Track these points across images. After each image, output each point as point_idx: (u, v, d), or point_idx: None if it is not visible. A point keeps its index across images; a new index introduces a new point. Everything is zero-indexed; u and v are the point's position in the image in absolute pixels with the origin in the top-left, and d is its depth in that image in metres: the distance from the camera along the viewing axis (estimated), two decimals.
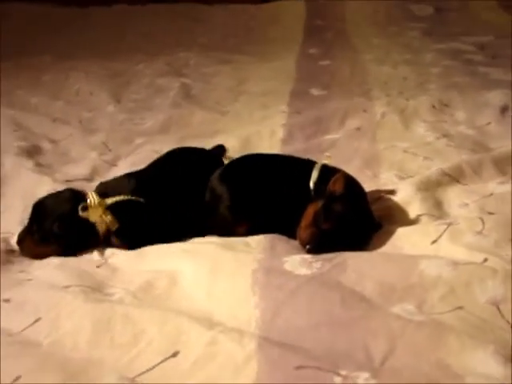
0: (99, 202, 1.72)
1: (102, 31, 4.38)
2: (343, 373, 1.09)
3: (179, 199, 1.80)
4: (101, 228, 1.73)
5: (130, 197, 1.76)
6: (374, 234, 1.64)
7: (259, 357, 1.15)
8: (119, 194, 1.76)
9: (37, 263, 1.69)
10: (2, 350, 1.27)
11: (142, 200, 1.76)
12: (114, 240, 1.74)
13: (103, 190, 1.79)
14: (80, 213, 1.70)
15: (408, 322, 1.22)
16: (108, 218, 1.72)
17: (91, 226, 1.72)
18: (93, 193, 1.76)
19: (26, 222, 1.78)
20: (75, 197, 1.76)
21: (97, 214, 1.71)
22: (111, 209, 1.73)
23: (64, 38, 4.23)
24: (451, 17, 4.19)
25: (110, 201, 1.74)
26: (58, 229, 1.70)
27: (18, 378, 1.18)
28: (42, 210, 1.76)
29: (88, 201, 1.72)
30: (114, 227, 1.73)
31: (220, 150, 2.12)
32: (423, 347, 1.16)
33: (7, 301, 1.44)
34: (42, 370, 1.20)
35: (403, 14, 4.31)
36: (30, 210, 1.77)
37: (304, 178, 1.73)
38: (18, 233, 1.78)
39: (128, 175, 1.90)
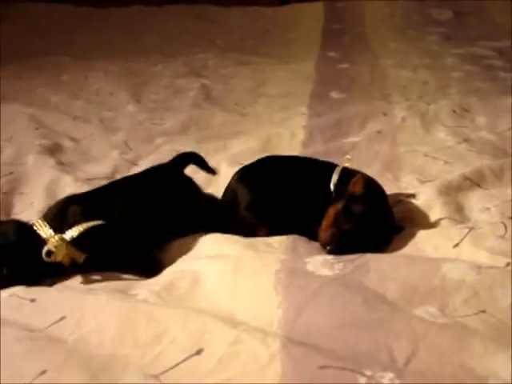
0: (62, 240, 1.55)
1: (118, 32, 4.40)
2: (368, 373, 1.10)
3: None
4: (66, 263, 1.58)
5: (90, 224, 1.59)
6: (394, 236, 1.64)
7: (283, 356, 1.16)
8: (74, 223, 1.59)
9: None
10: (25, 344, 1.29)
11: (101, 222, 1.60)
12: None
13: (54, 222, 1.61)
14: (45, 258, 1.53)
15: (431, 324, 1.23)
16: (74, 253, 1.57)
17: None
18: (44, 227, 1.59)
19: None
20: (20, 230, 1.60)
21: (62, 254, 1.55)
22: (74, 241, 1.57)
23: (81, 39, 4.26)
24: (470, 21, 4.16)
25: (69, 235, 1.57)
26: (7, 272, 1.54)
27: (43, 372, 1.19)
28: None
29: (49, 243, 1.54)
30: (82, 259, 1.58)
31: (186, 158, 1.97)
32: (446, 350, 1.16)
33: (33, 300, 1.45)
34: (67, 366, 1.21)
35: (422, 18, 4.29)
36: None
37: (324, 180, 1.73)
38: None
39: (70, 199, 1.72)
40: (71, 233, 1.58)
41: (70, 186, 2.10)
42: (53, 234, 1.57)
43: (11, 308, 1.44)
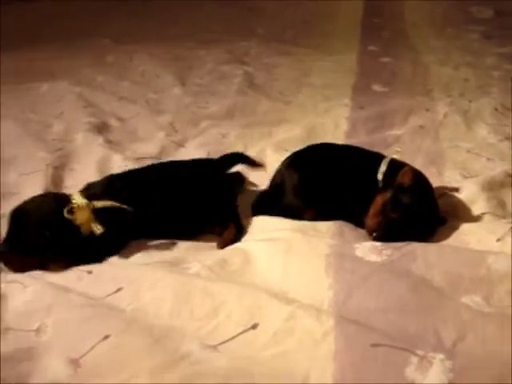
0: (87, 205, 1.64)
1: (159, 18, 4.46)
2: (420, 353, 1.15)
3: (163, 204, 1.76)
4: (85, 230, 1.63)
5: (118, 204, 1.67)
6: (438, 228, 1.68)
7: (336, 333, 1.21)
8: (107, 198, 1.68)
9: None
10: (87, 310, 1.36)
11: (130, 209, 1.68)
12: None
13: (90, 192, 1.71)
14: (65, 214, 1.60)
15: (477, 312, 1.28)
16: (94, 222, 1.62)
17: (76, 229, 1.63)
18: (78, 194, 1.68)
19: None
20: (59, 200, 1.67)
21: (84, 217, 1.62)
22: (98, 213, 1.65)
23: (120, 24, 4.33)
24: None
25: (98, 204, 1.66)
26: (49, 233, 1.59)
27: (107, 336, 1.26)
28: (25, 217, 1.63)
29: (74, 203, 1.63)
30: (99, 232, 1.62)
31: (232, 158, 2.10)
32: (492, 337, 1.21)
33: (90, 272, 1.53)
34: (129, 332, 1.28)
35: (462, 16, 4.28)
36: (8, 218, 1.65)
37: (371, 170, 1.78)
38: None
39: (115, 177, 1.83)
40: (98, 203, 1.66)
41: (120, 165, 2.16)
42: (83, 199, 1.66)
43: (70, 278, 1.52)
